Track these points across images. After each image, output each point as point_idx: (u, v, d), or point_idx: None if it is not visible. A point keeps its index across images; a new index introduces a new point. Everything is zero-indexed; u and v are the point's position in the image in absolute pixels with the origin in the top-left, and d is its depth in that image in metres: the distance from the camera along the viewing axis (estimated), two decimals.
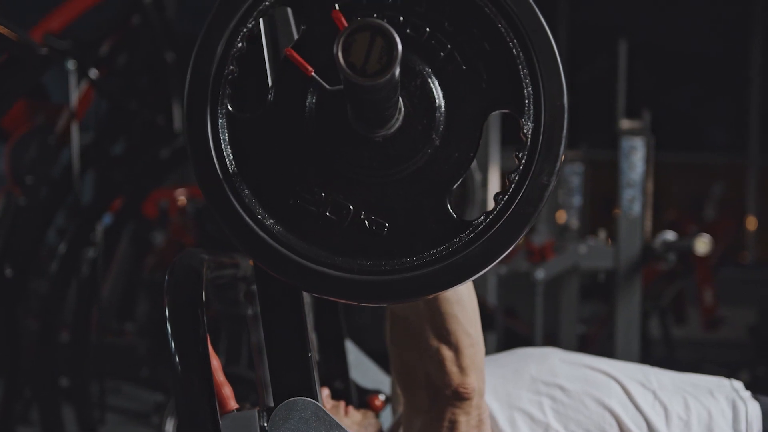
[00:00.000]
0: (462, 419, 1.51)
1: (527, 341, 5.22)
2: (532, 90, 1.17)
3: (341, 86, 1.13)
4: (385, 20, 1.17)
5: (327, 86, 1.15)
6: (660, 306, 6.59)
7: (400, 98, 1.14)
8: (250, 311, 1.71)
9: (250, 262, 1.54)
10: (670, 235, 4.57)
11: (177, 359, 1.24)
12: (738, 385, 1.85)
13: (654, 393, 1.80)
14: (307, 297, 1.36)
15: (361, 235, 1.18)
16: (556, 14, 10.41)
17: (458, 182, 1.19)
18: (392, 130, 1.16)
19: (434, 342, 1.46)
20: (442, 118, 1.17)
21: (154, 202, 5.53)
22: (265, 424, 1.30)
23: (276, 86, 1.19)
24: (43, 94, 3.87)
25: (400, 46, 1.00)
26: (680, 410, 1.77)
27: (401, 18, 1.18)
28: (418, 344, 1.47)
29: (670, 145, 9.21)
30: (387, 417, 2.18)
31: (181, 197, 5.59)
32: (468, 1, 1.18)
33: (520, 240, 1.18)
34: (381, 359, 2.89)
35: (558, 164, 1.17)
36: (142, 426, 4.83)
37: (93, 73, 3.67)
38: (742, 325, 7.02)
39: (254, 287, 1.35)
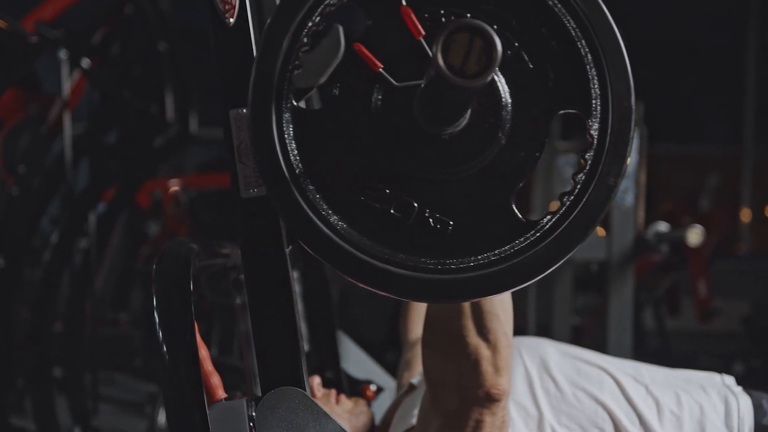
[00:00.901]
0: (488, 420, 1.50)
1: (520, 332, 5.21)
2: (599, 90, 1.17)
3: (408, 82, 1.13)
4: (453, 17, 1.16)
5: (394, 82, 1.15)
6: (654, 297, 6.59)
7: None
8: (238, 300, 1.71)
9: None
10: (662, 227, 4.57)
11: (164, 348, 1.24)
12: (729, 380, 1.85)
13: (646, 387, 1.80)
14: (296, 287, 1.36)
15: (424, 233, 1.17)
16: None
17: (524, 181, 1.18)
18: (459, 127, 1.15)
19: (473, 340, 1.44)
20: (508, 117, 1.17)
21: (147, 192, 5.53)
22: (254, 414, 1.29)
23: (341, 81, 1.18)
24: (35, 83, 3.85)
25: (500, 48, 0.99)
26: (672, 405, 1.77)
27: (468, 15, 1.17)
28: (455, 342, 1.45)
29: (666, 136, 9.21)
30: (378, 407, 2.18)
31: (175, 187, 5.58)
32: (536, 1, 1.17)
33: (584, 241, 1.17)
34: (374, 351, 2.89)
35: (625, 165, 1.17)
36: (136, 416, 4.83)
37: (85, 62, 3.66)
38: (736, 317, 7.02)
39: (243, 276, 1.34)
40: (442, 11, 1.17)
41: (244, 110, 1.27)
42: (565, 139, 5.06)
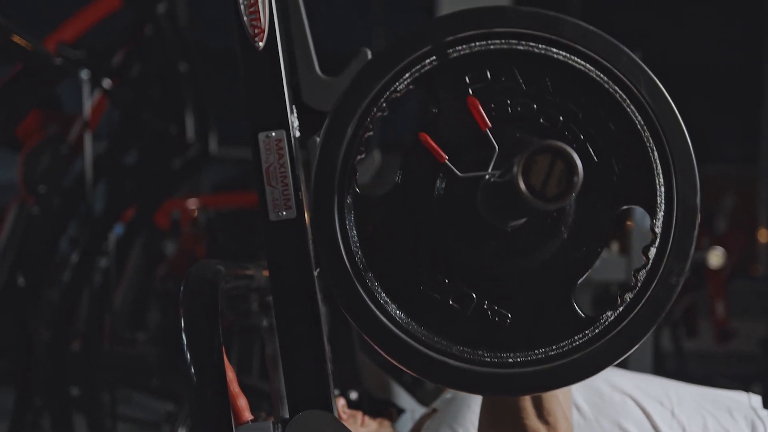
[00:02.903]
0: None
1: None
2: (664, 187, 1.16)
3: (472, 173, 1.14)
4: (519, 108, 1.16)
5: (458, 173, 1.15)
6: (672, 319, 6.56)
7: None
8: (265, 322, 1.71)
9: (264, 273, 1.54)
10: None
11: (192, 370, 1.24)
12: (756, 402, 1.84)
13: (672, 411, 1.79)
14: (322, 308, 1.36)
15: (482, 325, 1.17)
16: None
17: (584, 277, 1.18)
18: (521, 221, 1.14)
19: (533, 422, 1.42)
20: (571, 212, 1.16)
21: (166, 212, 5.54)
22: None
23: (404, 168, 1.19)
24: (56, 103, 3.87)
25: (581, 173, 0.99)
26: (698, 430, 1.76)
27: (535, 106, 1.17)
28: (515, 424, 1.44)
29: None
30: (401, 427, 2.18)
31: (193, 207, 5.59)
32: (604, 93, 1.17)
33: (644, 339, 1.17)
34: (393, 372, 2.89)
35: (688, 264, 1.16)
36: None
37: (106, 82, 3.68)
38: (753, 338, 6.99)
39: (270, 298, 1.34)
40: (509, 101, 1.17)
41: (273, 133, 1.27)
42: None
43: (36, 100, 2.35)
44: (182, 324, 1.26)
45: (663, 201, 1.16)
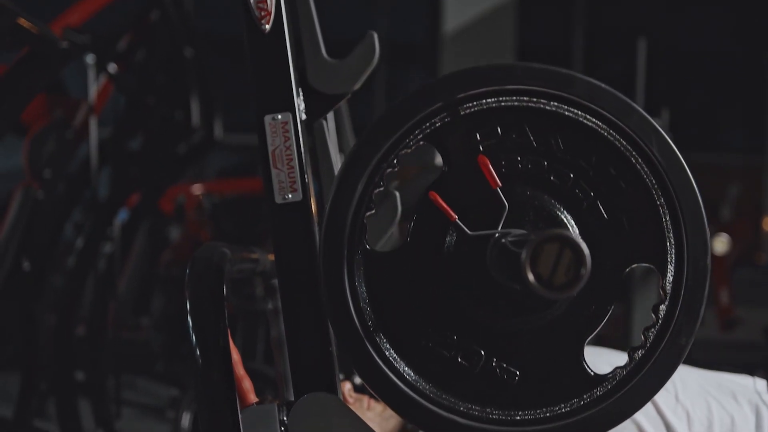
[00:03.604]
0: None
1: None
2: (675, 247, 1.16)
3: (482, 232, 1.14)
4: (530, 165, 1.16)
5: (468, 231, 1.15)
6: None
7: None
8: (270, 305, 1.71)
9: (270, 256, 1.55)
10: None
11: (198, 352, 1.24)
12: (761, 386, 1.84)
13: (676, 396, 1.79)
14: None
15: (491, 382, 1.17)
16: (574, 12, 10.39)
17: (593, 335, 1.18)
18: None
19: None
20: None
21: (170, 198, 5.54)
22: (285, 418, 1.30)
23: (414, 224, 1.19)
24: (61, 88, 3.87)
25: (589, 263, 0.98)
26: (702, 416, 1.76)
27: (545, 163, 1.17)
28: None
29: (687, 145, 9.17)
30: None
31: (198, 193, 5.59)
32: (615, 151, 1.16)
33: (653, 396, 1.17)
34: None
35: (698, 325, 1.16)
36: (158, 420, 4.84)
37: (112, 67, 3.67)
38: (757, 327, 6.98)
39: (275, 282, 1.35)
40: (519, 158, 1.17)
41: (279, 116, 1.27)
42: None
43: (41, 85, 2.35)
44: (188, 306, 1.27)
45: (673, 260, 1.16)
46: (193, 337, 1.25)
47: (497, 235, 1.13)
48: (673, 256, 1.16)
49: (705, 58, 10.60)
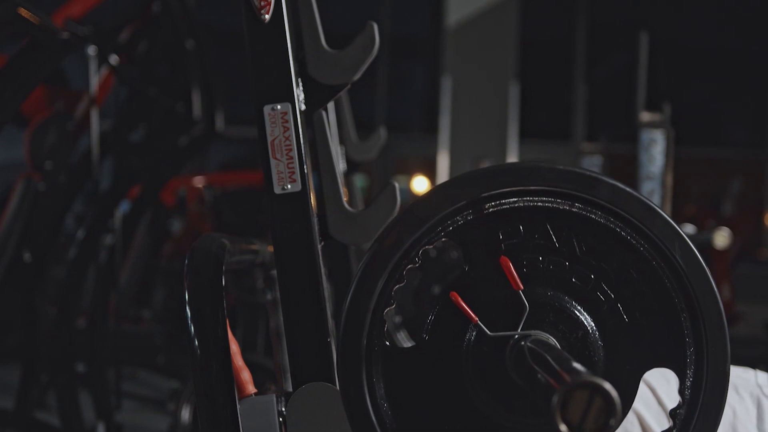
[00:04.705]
0: None
1: None
2: (695, 352, 1.15)
3: (502, 333, 1.14)
4: (551, 266, 1.16)
5: (488, 332, 1.15)
6: None
7: None
8: (269, 296, 1.71)
9: (269, 248, 1.54)
10: (688, 229, 4.55)
11: (196, 343, 1.24)
12: (763, 379, 1.84)
13: None
14: (326, 283, 1.36)
15: None
16: (577, 6, 10.37)
17: None
18: None
19: None
20: (600, 373, 1.15)
21: (172, 190, 5.54)
22: (283, 409, 1.30)
23: (433, 322, 1.19)
24: (62, 80, 3.87)
25: (620, 412, 0.96)
26: None
27: (567, 264, 1.17)
28: None
29: (690, 140, 9.17)
30: None
31: (200, 185, 5.60)
32: (637, 254, 1.16)
33: None
34: None
35: (716, 430, 1.15)
36: (158, 413, 4.85)
37: (113, 59, 3.67)
38: (758, 322, 6.99)
39: (274, 273, 1.34)
40: (541, 258, 1.17)
41: (279, 106, 1.27)
42: (590, 141, 5.05)
43: (42, 76, 2.35)
44: (186, 296, 1.26)
45: (693, 365, 1.16)
46: (191, 328, 1.25)
47: (517, 336, 1.13)
48: (693, 360, 1.16)
49: (707, 52, 10.58)
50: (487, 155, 8.55)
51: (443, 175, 9.62)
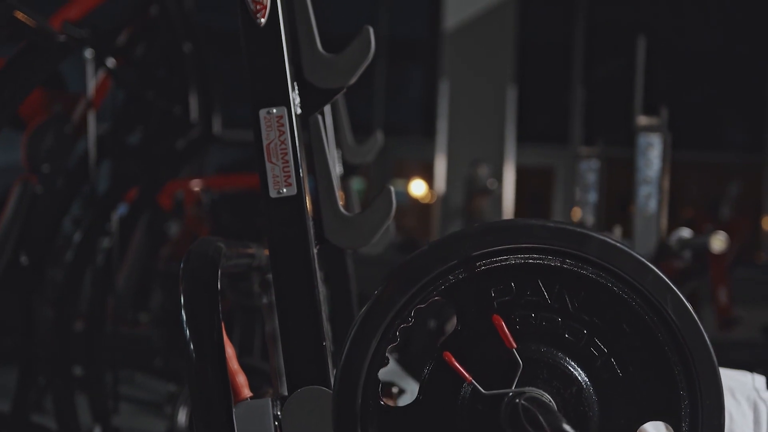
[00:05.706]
0: None
1: None
2: (690, 406, 1.16)
3: (496, 391, 1.15)
4: (544, 322, 1.17)
5: (483, 390, 1.15)
6: None
7: None
8: (264, 300, 1.72)
9: (266, 251, 1.54)
10: (685, 233, 4.55)
11: (191, 346, 1.25)
12: (760, 383, 1.84)
13: None
14: (322, 287, 1.36)
15: None
16: (574, 9, 10.38)
17: None
18: None
19: None
20: (595, 427, 1.16)
21: (169, 193, 5.54)
22: (279, 413, 1.30)
23: (427, 381, 1.20)
24: (59, 83, 3.87)
25: None
26: None
27: (559, 320, 1.17)
28: None
29: (687, 143, 9.18)
30: None
31: (197, 188, 5.59)
32: (629, 309, 1.17)
33: None
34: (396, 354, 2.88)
35: None
36: (156, 416, 4.84)
37: (111, 62, 3.67)
38: (756, 326, 6.99)
39: (269, 276, 1.35)
40: (533, 315, 1.17)
41: (275, 110, 1.27)
42: (587, 144, 5.06)
43: (39, 79, 2.35)
44: (182, 300, 1.27)
45: (687, 417, 1.16)
46: (187, 331, 1.25)
47: (511, 394, 1.14)
48: (688, 413, 1.16)
49: (705, 56, 10.60)
50: (484, 159, 8.56)
51: (441, 178, 9.63)
